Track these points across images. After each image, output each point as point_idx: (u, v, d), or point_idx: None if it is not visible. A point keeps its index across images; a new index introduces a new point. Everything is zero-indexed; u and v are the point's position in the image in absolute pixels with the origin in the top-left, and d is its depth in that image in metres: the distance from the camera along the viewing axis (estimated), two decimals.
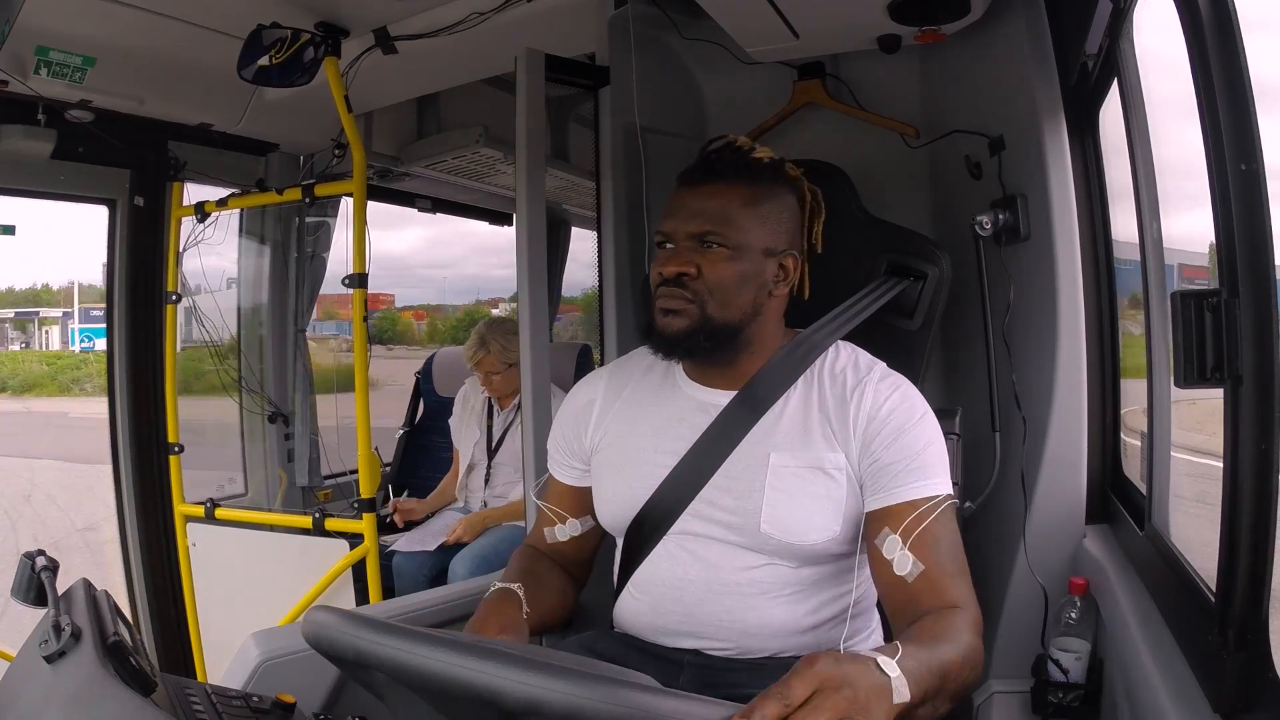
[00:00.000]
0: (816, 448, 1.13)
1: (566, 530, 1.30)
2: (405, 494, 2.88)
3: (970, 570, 1.09)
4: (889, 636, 1.22)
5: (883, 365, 1.20)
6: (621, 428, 1.24)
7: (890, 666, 0.79)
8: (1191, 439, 1.48)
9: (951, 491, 1.11)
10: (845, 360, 1.19)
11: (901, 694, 0.78)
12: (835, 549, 1.13)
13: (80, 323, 19.50)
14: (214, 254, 2.63)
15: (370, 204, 2.22)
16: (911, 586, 1.04)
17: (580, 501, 1.30)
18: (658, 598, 1.18)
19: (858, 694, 0.73)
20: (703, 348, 1.14)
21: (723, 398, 1.18)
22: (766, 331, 1.19)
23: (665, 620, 1.18)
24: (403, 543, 2.60)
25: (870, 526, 1.10)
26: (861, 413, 1.12)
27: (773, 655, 1.14)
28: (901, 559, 1.05)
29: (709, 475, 1.15)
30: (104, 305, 2.66)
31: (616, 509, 1.22)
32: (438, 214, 3.54)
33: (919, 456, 1.10)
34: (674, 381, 1.24)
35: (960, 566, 1.07)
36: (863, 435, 1.12)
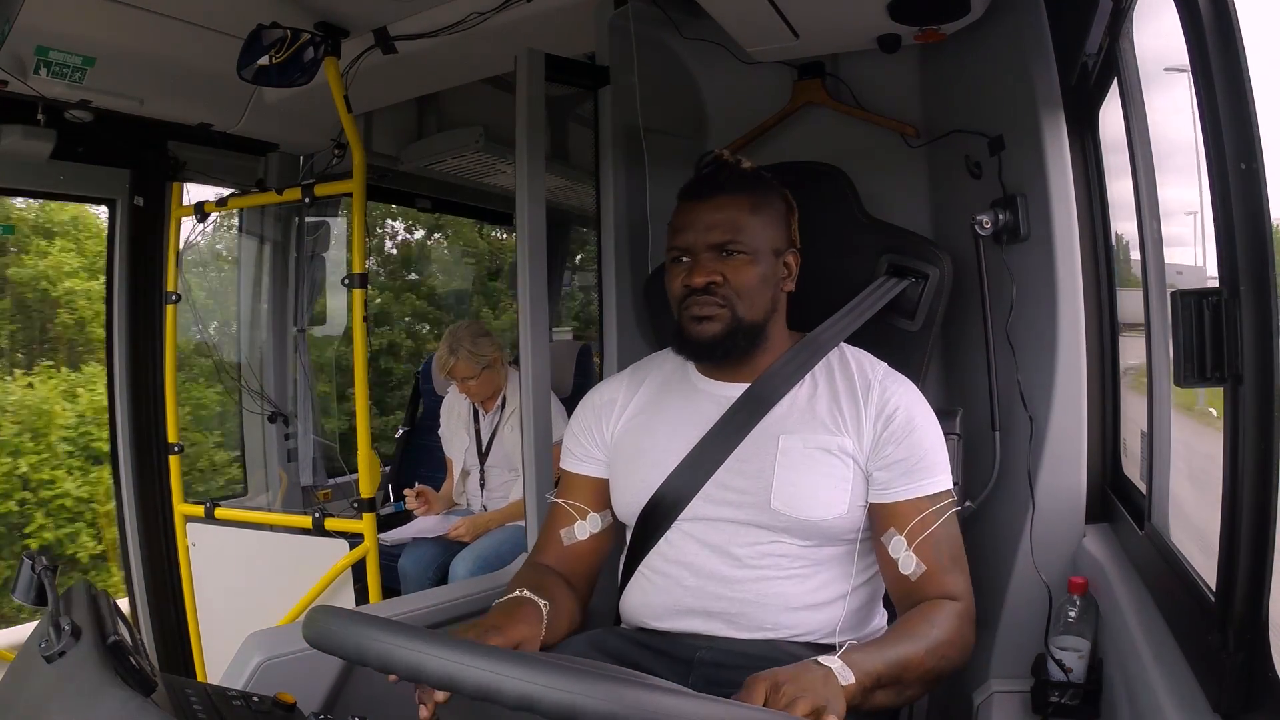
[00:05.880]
0: (824, 431, 1.21)
1: (587, 526, 1.30)
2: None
3: (970, 570, 1.18)
4: None
5: (885, 365, 1.29)
6: (640, 423, 1.30)
7: (828, 660, 0.96)
8: None
9: (952, 487, 1.21)
10: (849, 356, 1.29)
11: (845, 677, 0.95)
12: (841, 527, 1.19)
13: None
14: (213, 255, 2.64)
15: None
16: (914, 584, 1.16)
17: (601, 495, 1.32)
18: (666, 578, 1.22)
19: (802, 681, 0.90)
20: (739, 347, 1.23)
21: (735, 390, 1.26)
22: (779, 328, 1.28)
23: (673, 599, 1.21)
24: (403, 530, 2.60)
25: (877, 522, 1.19)
26: (871, 407, 1.21)
27: (779, 639, 1.17)
28: (906, 560, 1.16)
29: (720, 461, 1.22)
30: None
31: (631, 497, 1.26)
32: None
33: (925, 456, 1.19)
34: (689, 379, 1.31)
35: (957, 560, 1.18)
36: (873, 429, 1.20)
